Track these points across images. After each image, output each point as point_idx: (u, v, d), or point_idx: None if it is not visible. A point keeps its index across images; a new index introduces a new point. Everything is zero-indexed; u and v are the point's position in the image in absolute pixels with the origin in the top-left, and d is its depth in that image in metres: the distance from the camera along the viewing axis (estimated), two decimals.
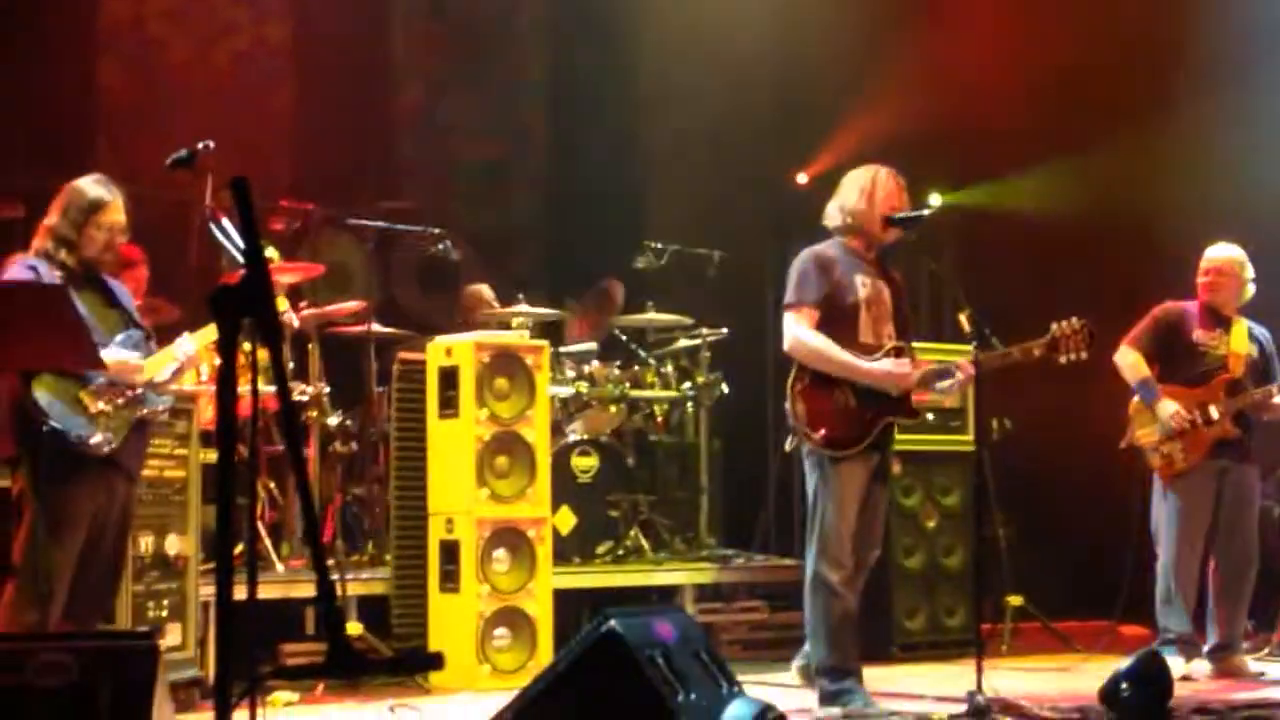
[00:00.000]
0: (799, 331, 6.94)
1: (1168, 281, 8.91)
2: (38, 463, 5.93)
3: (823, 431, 6.89)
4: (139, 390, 6.30)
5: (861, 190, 7.10)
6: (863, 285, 7.03)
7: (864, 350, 6.96)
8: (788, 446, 7.20)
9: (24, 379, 6.04)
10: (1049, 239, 10.68)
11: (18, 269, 6.16)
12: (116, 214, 6.37)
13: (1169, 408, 8.27)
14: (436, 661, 4.18)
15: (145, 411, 6.37)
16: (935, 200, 10.74)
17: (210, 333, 6.74)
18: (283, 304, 7.51)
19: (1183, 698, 6.72)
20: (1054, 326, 6.90)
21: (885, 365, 6.92)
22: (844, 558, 6.91)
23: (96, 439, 6.14)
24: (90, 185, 6.39)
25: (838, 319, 6.97)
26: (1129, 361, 8.42)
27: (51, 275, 6.12)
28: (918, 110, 10.78)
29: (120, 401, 6.23)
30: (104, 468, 6.22)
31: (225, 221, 6.55)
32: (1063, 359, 6.92)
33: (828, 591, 6.90)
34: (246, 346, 3.65)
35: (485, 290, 10.33)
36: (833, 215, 7.17)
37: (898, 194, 7.12)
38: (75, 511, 6.11)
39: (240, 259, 6.21)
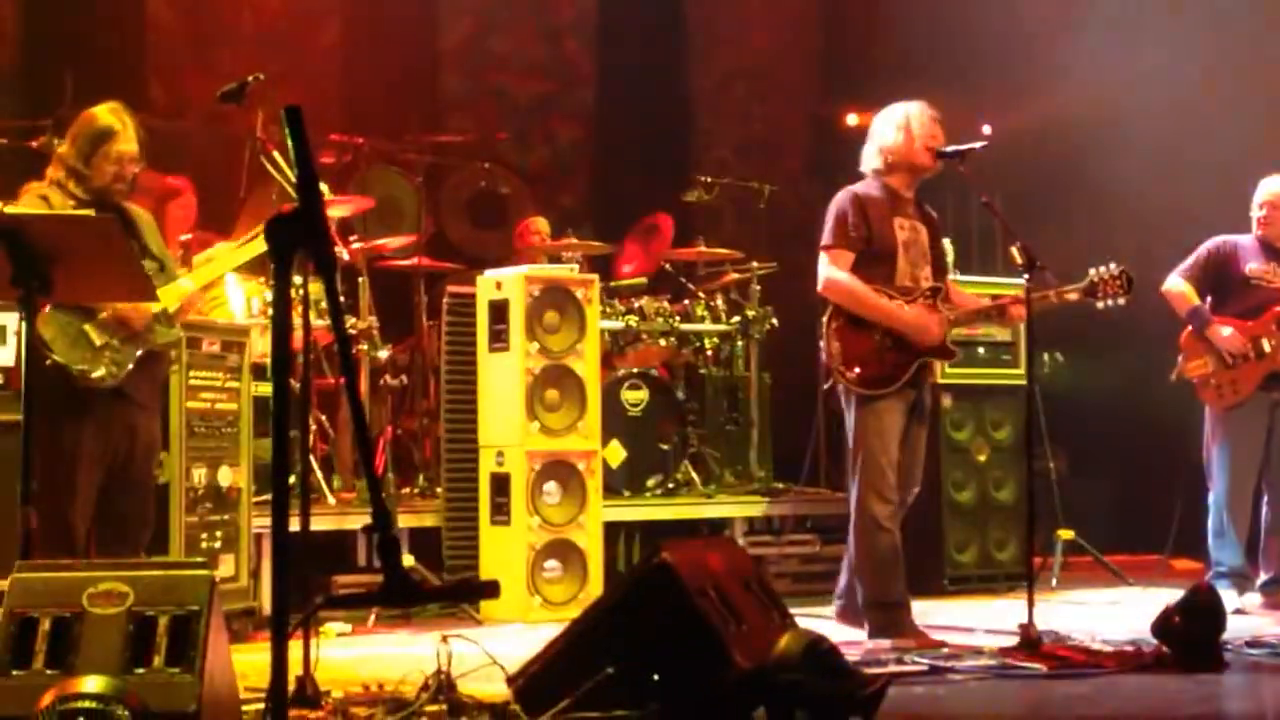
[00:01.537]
0: (832, 273, 6.95)
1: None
2: (41, 396, 5.82)
3: (857, 370, 6.90)
4: (143, 326, 6.23)
5: (898, 127, 7.07)
6: (900, 228, 7.02)
7: (901, 293, 6.96)
8: (825, 384, 7.21)
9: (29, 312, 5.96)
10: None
11: (29, 198, 6.13)
12: (127, 144, 6.26)
13: (1224, 331, 8.21)
14: (492, 590, 4.18)
15: (153, 345, 6.31)
16: (987, 131, 10.65)
17: (237, 254, 6.73)
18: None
19: (1236, 631, 6.69)
20: (1091, 272, 6.89)
21: (916, 315, 6.91)
22: (888, 492, 6.92)
23: (99, 373, 6.09)
24: (101, 114, 6.30)
25: (874, 262, 6.97)
26: (1179, 290, 8.35)
27: (63, 205, 6.09)
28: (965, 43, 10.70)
29: (124, 335, 6.17)
30: (112, 401, 6.18)
31: (275, 154, 6.56)
32: (1100, 304, 6.94)
33: (875, 526, 6.91)
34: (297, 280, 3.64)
35: (541, 223, 10.31)
36: (870, 157, 7.15)
37: (934, 128, 7.08)
38: (82, 445, 6.08)
39: (291, 191, 6.24)
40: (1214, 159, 9.74)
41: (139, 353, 6.24)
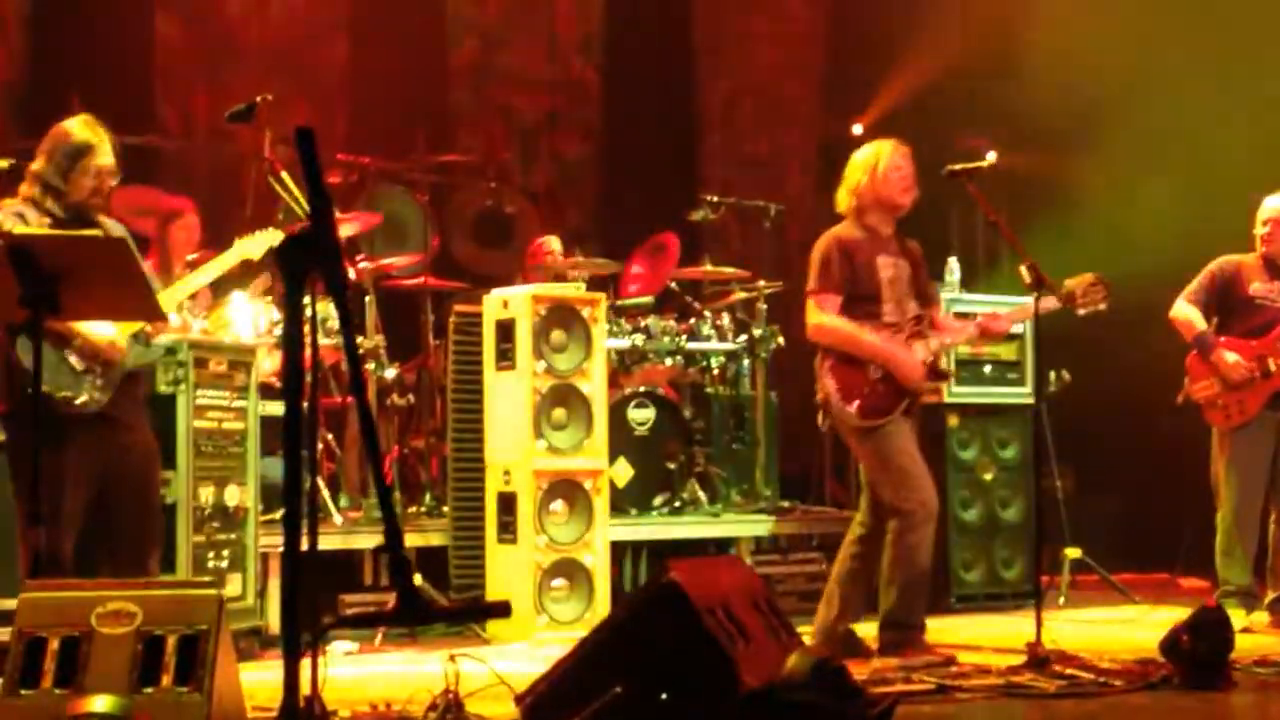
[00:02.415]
0: (820, 318, 7.06)
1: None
2: (21, 423, 5.79)
3: (856, 404, 6.98)
4: (118, 359, 6.13)
5: (866, 168, 7.17)
6: (883, 266, 7.11)
7: (888, 330, 7.06)
8: (822, 426, 7.25)
9: (10, 336, 5.88)
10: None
11: (2, 215, 5.99)
12: (104, 157, 6.13)
13: (1229, 358, 8.24)
14: (504, 609, 4.19)
15: (137, 364, 6.24)
16: (992, 156, 10.67)
17: (228, 256, 6.74)
18: None
19: (1244, 650, 6.68)
20: (1068, 282, 7.00)
21: (903, 357, 6.99)
22: (930, 500, 7.00)
23: (82, 399, 6.00)
24: (76, 128, 6.15)
25: (861, 301, 7.08)
26: (1185, 316, 8.40)
27: (40, 222, 5.97)
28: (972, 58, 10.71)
29: (105, 361, 6.08)
30: (96, 425, 6.07)
31: (283, 174, 6.56)
32: (1081, 311, 7.07)
33: (919, 547, 6.97)
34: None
35: (553, 242, 10.32)
36: (844, 200, 7.23)
37: (905, 165, 7.17)
38: (67, 470, 5.92)
39: (298, 211, 6.26)
40: (1220, 177, 9.74)
41: (120, 377, 6.14)
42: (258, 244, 6.84)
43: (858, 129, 11.76)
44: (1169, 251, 9.46)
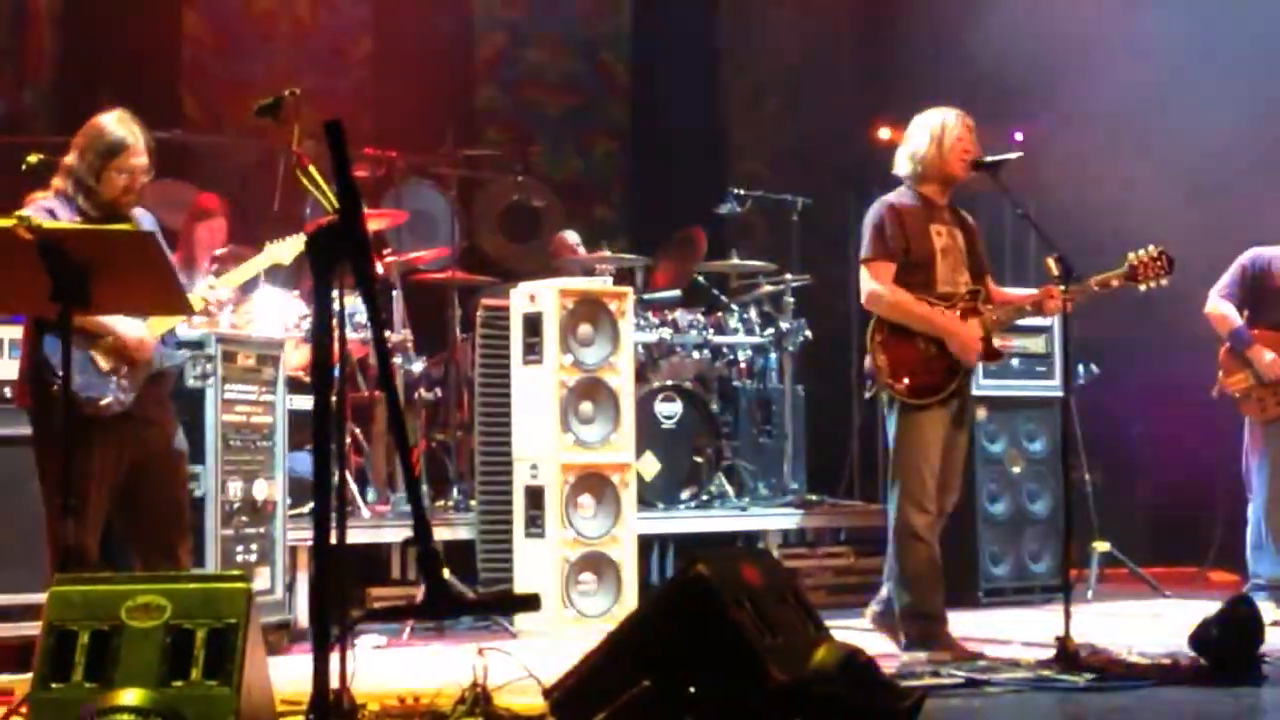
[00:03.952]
0: (874, 286, 6.95)
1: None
2: (50, 421, 5.76)
3: (906, 381, 6.90)
4: (145, 360, 6.10)
5: (931, 135, 7.04)
6: (937, 234, 7.02)
7: (942, 300, 6.97)
8: (868, 393, 7.19)
9: (38, 332, 5.88)
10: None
11: (33, 210, 5.89)
12: (137, 156, 6.07)
13: (1266, 356, 8.21)
14: (533, 602, 4.18)
15: (163, 366, 6.20)
16: (1019, 137, 10.62)
17: (258, 260, 6.76)
18: None
19: (1275, 644, 6.65)
20: (1130, 255, 6.86)
21: (958, 328, 6.91)
22: (928, 502, 6.92)
23: (106, 400, 5.97)
24: (110, 126, 6.08)
25: (914, 270, 6.97)
26: (1219, 312, 8.38)
27: (70, 218, 5.94)
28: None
29: (132, 361, 6.05)
30: (121, 424, 6.03)
31: (311, 169, 6.56)
32: (1143, 287, 6.90)
33: (913, 537, 6.91)
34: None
35: (572, 236, 10.32)
36: (903, 163, 7.14)
37: (968, 137, 7.06)
38: (88, 470, 5.86)
39: (326, 205, 6.27)
40: (1247, 171, 9.71)
41: (145, 377, 6.12)
42: (288, 248, 6.85)
43: (884, 133, 11.72)
44: (1194, 243, 9.42)
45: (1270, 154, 9.84)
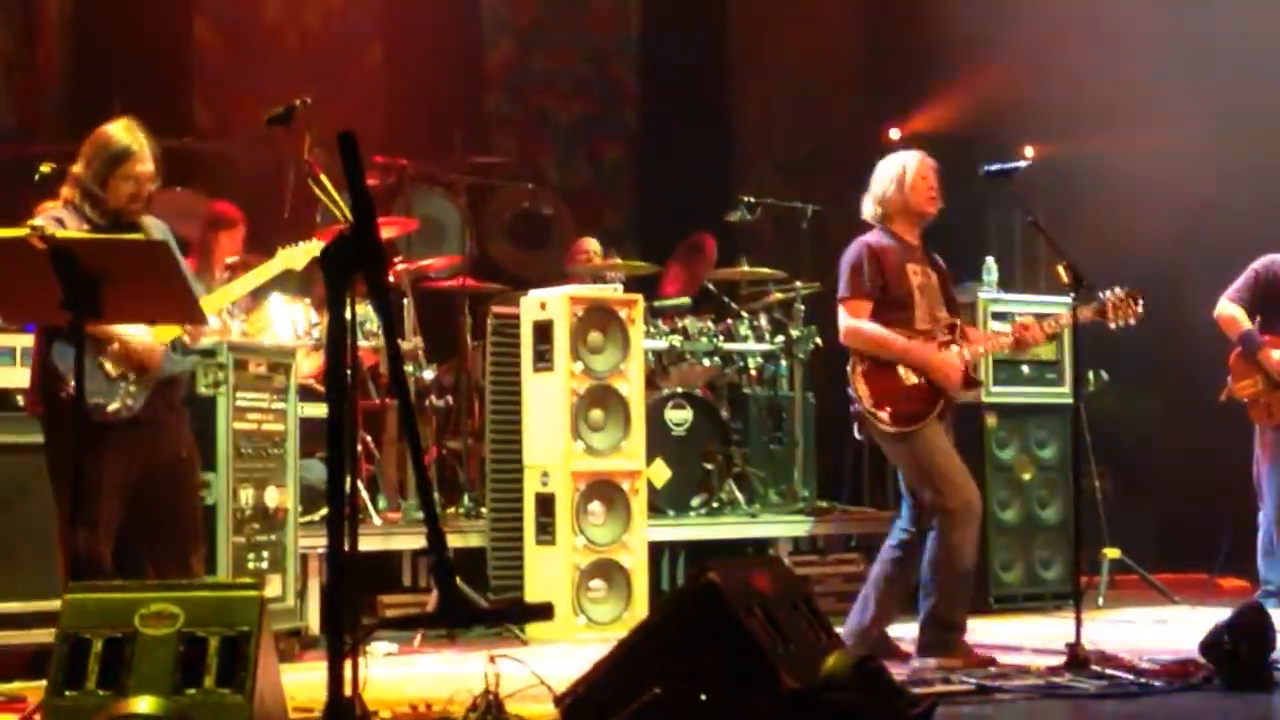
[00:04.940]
0: (852, 323, 7.04)
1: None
2: (60, 428, 5.76)
3: (888, 410, 6.94)
4: (155, 365, 6.08)
5: (893, 178, 7.16)
6: (914, 273, 7.12)
7: (921, 336, 7.03)
8: (856, 433, 7.23)
9: (47, 340, 5.88)
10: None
11: (42, 220, 5.90)
12: (143, 163, 6.05)
13: (1276, 356, 8.21)
14: (546, 611, 4.19)
15: (172, 372, 6.18)
16: (1029, 153, 10.65)
17: (271, 266, 6.77)
18: None
19: None
20: (1102, 295, 6.96)
21: (939, 359, 6.97)
22: (974, 497, 6.98)
23: (114, 406, 5.95)
24: (116, 133, 6.08)
25: (893, 307, 7.05)
26: (1229, 315, 8.39)
27: (78, 227, 5.92)
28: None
29: (140, 366, 6.03)
30: (131, 430, 6.02)
31: (322, 177, 6.58)
32: (1113, 325, 7.04)
33: (965, 546, 6.94)
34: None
35: (591, 243, 10.33)
36: (868, 207, 7.25)
37: (931, 176, 7.16)
38: (99, 477, 5.84)
39: (337, 214, 6.28)
40: (1254, 176, 9.72)
41: (153, 382, 6.09)
42: (301, 254, 6.87)
43: (894, 134, 11.73)
44: (1196, 249, 9.45)
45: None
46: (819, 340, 9.98)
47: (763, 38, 12.88)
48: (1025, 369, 9.24)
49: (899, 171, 7.14)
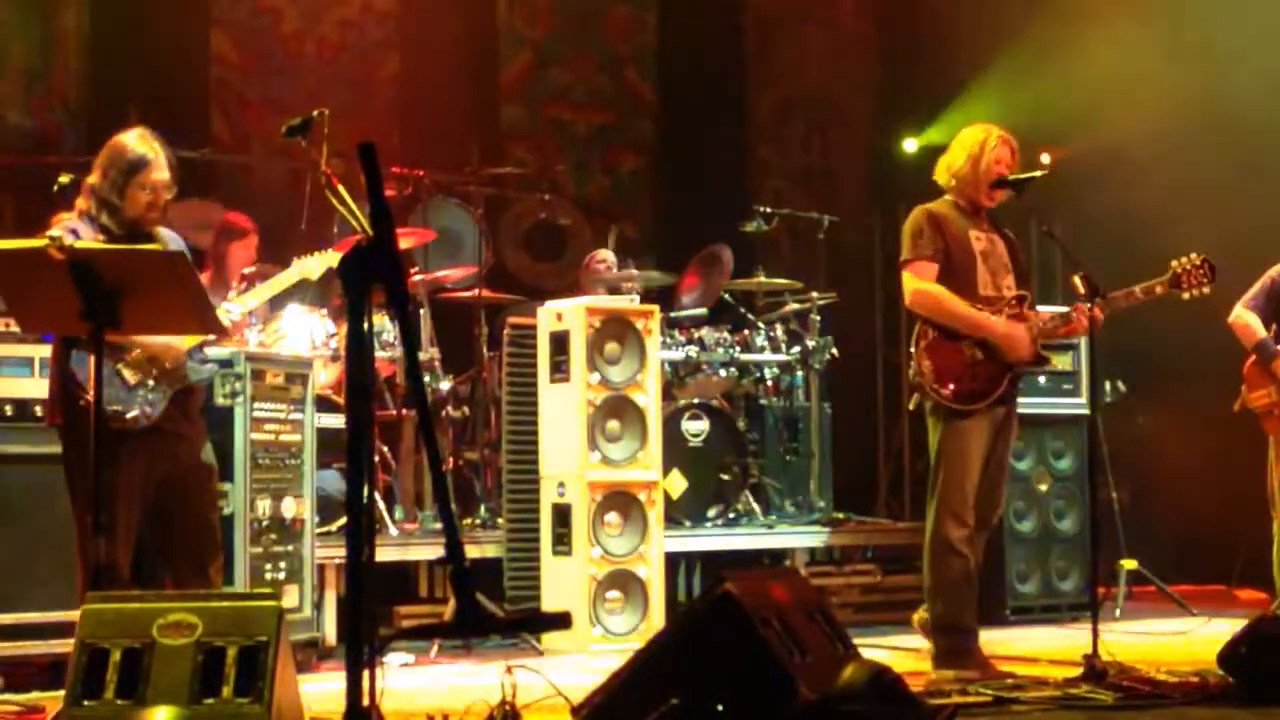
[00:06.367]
0: (918, 284, 6.87)
1: None
2: (78, 437, 5.73)
3: (951, 387, 6.81)
4: (175, 365, 6.10)
5: (969, 155, 6.98)
6: (976, 239, 6.95)
7: (985, 304, 6.88)
8: (910, 405, 7.14)
9: (65, 349, 5.89)
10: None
11: (59, 230, 5.87)
12: (159, 171, 6.04)
13: None
14: (564, 621, 4.18)
15: (186, 383, 6.16)
16: (1046, 160, 10.63)
17: (287, 275, 6.79)
18: None
19: None
20: (1173, 263, 6.84)
21: (1006, 326, 6.84)
22: (966, 515, 6.83)
23: (133, 414, 5.93)
24: (131, 142, 6.07)
25: (955, 273, 6.88)
26: (1244, 322, 8.35)
27: (94, 237, 5.93)
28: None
29: (157, 374, 6.03)
30: (149, 438, 6.01)
31: (340, 188, 6.58)
32: (1185, 295, 6.86)
33: (948, 549, 6.84)
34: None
35: (607, 254, 10.35)
36: (941, 173, 7.10)
37: (1008, 159, 7.01)
38: (117, 486, 5.83)
39: (355, 225, 6.29)
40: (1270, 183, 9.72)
41: (172, 391, 6.09)
42: (316, 264, 6.88)
43: (910, 144, 11.74)
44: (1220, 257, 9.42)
45: None
46: (835, 351, 9.98)
47: (779, 49, 12.90)
48: (1042, 380, 9.21)
49: (976, 150, 6.97)
